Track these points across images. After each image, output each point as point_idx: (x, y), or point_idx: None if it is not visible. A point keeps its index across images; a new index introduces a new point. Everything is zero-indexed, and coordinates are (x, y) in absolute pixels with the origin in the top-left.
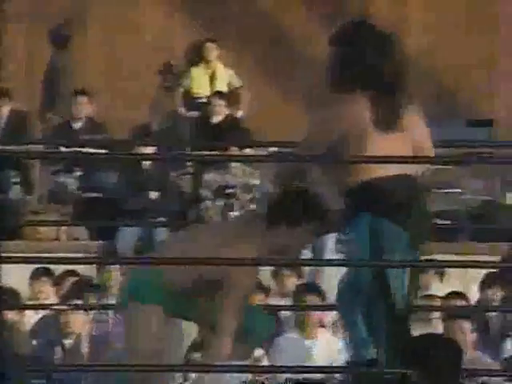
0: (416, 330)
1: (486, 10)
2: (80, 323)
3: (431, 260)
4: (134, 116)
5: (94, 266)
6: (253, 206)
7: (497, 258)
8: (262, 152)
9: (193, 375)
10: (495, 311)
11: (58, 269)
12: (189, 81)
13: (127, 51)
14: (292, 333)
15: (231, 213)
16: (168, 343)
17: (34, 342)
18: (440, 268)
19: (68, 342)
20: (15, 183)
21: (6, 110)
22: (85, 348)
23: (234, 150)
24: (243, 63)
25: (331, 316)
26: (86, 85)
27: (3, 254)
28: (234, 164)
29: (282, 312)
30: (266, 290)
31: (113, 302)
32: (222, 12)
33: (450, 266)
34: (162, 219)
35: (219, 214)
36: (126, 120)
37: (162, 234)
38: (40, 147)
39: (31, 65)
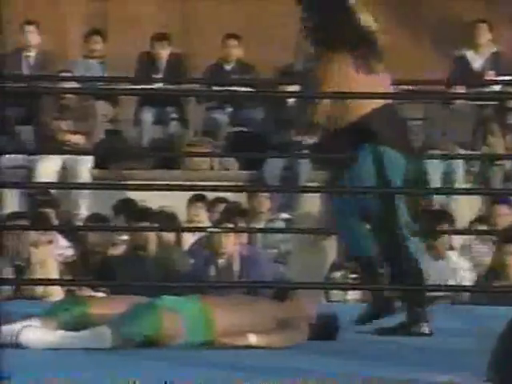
0: None
1: None
2: (231, 244)
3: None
4: (278, 58)
5: (244, 193)
6: None
7: None
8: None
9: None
10: None
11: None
12: None
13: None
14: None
15: None
16: (310, 262)
17: (191, 261)
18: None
19: (221, 261)
20: (173, 119)
21: (165, 53)
22: (236, 267)
23: None
24: (378, 7)
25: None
26: (234, 30)
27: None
28: None
29: None
30: None
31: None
32: None
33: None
34: (304, 151)
35: None
36: (272, 62)
37: (304, 165)
38: (196, 86)
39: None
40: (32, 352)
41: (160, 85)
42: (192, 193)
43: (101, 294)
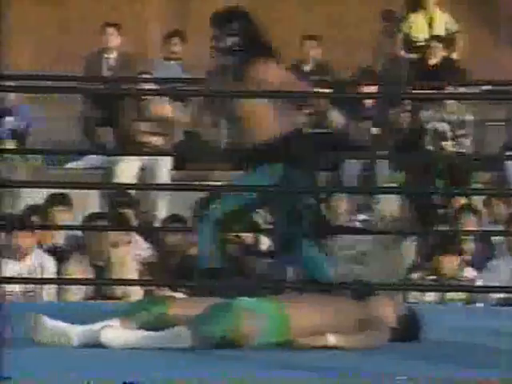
0: None
1: None
2: None
3: None
4: (357, 60)
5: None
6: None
7: None
8: (475, 90)
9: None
10: None
11: None
12: (408, 26)
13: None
14: (504, 256)
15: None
16: (388, 263)
17: (269, 262)
18: None
19: None
20: None
21: None
22: None
23: (450, 89)
24: (458, 9)
25: None
26: (313, 31)
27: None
28: (449, 102)
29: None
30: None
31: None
32: None
33: None
34: (383, 153)
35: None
36: (350, 63)
37: (382, 166)
38: None
39: None
40: (111, 352)
41: None
42: None
43: (179, 295)
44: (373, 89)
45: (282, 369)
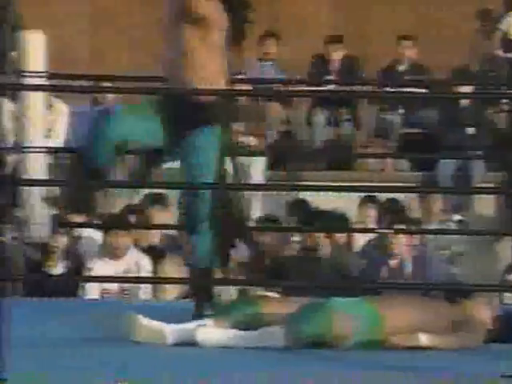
0: None
1: None
2: (403, 246)
3: None
4: (453, 59)
5: (415, 194)
6: None
7: None
8: None
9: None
10: None
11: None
12: (507, 24)
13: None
14: None
15: None
16: (484, 264)
17: (363, 262)
18: None
19: (392, 262)
20: (346, 120)
21: (338, 55)
22: (408, 268)
23: None
24: None
25: None
26: (408, 31)
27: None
28: None
29: None
30: None
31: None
32: None
33: None
34: (478, 153)
35: None
36: (446, 63)
37: (478, 166)
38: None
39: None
40: (205, 351)
41: (332, 87)
42: (364, 194)
43: (273, 294)
44: (468, 89)
45: (375, 369)
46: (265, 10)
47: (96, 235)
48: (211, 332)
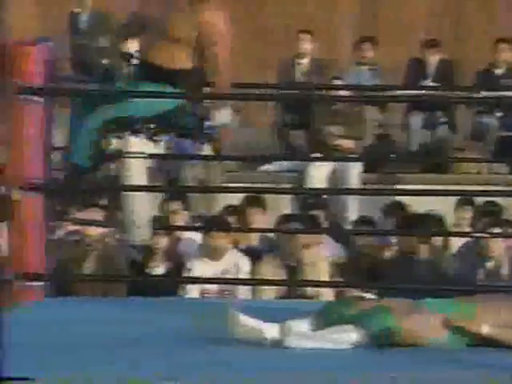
0: None
1: None
2: (500, 248)
3: None
4: None
5: None
6: None
7: None
8: None
9: None
10: None
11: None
12: None
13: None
14: None
15: None
16: None
17: (458, 264)
18: None
19: (489, 264)
20: (442, 123)
21: (435, 59)
22: (504, 270)
23: None
24: None
25: None
26: (506, 34)
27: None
28: None
29: None
30: None
31: None
32: None
33: None
34: None
35: None
36: None
37: None
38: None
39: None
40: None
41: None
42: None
43: (370, 296)
44: None
45: (458, 369)
46: (360, 14)
47: (196, 236)
48: (303, 332)
